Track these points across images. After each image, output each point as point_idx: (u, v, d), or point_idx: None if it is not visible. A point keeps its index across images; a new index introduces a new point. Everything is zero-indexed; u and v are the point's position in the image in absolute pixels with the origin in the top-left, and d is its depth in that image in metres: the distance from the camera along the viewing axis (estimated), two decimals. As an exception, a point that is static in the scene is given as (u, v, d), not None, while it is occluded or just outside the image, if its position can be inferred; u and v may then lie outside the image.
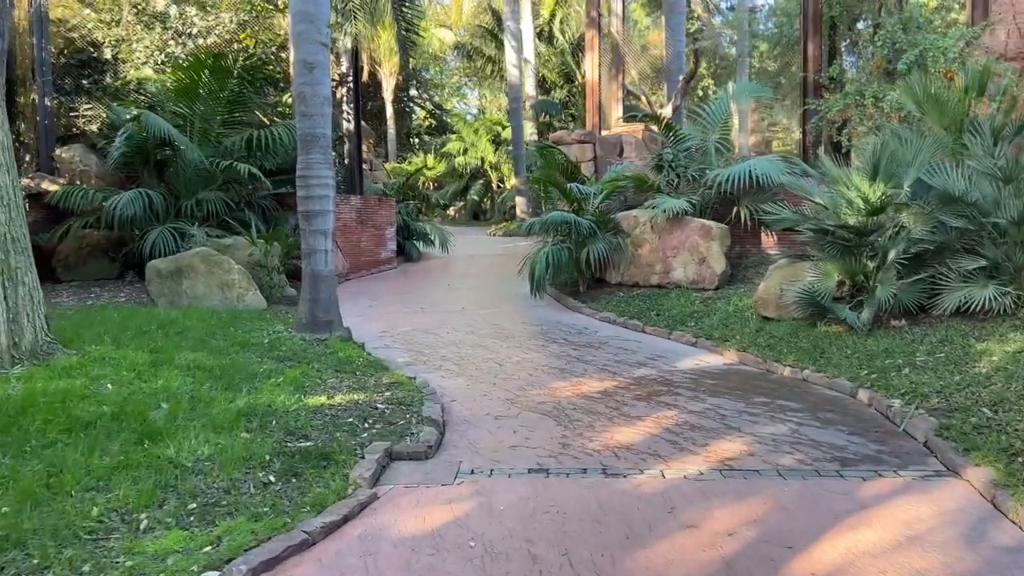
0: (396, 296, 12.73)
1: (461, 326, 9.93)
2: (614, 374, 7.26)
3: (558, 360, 7.88)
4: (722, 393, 6.51)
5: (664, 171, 11.57)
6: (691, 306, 9.68)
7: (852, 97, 10.27)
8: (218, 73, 12.22)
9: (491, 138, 33.50)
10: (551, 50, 33.78)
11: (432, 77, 49.89)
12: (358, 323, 10.06)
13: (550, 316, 10.73)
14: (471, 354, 8.17)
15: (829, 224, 7.90)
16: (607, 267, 11.52)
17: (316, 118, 7.97)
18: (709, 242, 10.17)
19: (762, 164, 10.19)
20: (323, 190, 8.04)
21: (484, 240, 23.72)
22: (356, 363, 7.17)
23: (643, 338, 9.14)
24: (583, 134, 16.14)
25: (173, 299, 9.80)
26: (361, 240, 15.04)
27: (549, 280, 11.59)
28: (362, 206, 15.04)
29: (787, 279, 8.42)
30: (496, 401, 6.29)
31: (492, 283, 14.18)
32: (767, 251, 11.43)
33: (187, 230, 11.44)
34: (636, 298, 10.64)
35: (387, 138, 40.40)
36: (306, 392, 5.96)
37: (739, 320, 8.80)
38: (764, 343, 7.93)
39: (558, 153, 13.92)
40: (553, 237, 12.19)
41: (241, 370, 6.33)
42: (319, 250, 8.06)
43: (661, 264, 10.71)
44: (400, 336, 9.26)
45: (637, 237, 11.14)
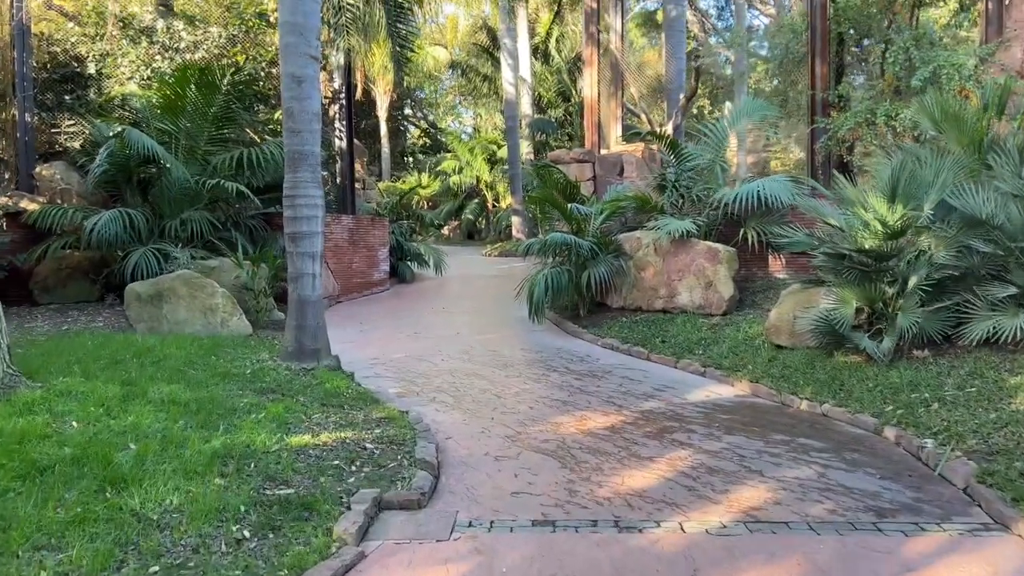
0: (389, 320, 12.32)
1: (456, 353, 9.51)
2: (620, 407, 6.85)
3: (560, 391, 7.46)
4: (738, 430, 6.10)
5: (668, 191, 11.24)
6: (698, 332, 9.30)
7: (863, 115, 9.98)
8: (205, 88, 11.88)
9: (486, 157, 33.25)
10: (547, 69, 33.67)
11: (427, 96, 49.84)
12: (348, 349, 9.64)
13: (549, 342, 10.33)
14: (467, 384, 7.75)
15: (846, 248, 7.53)
16: (609, 290, 11.14)
17: (304, 134, 7.60)
18: (716, 265, 9.81)
19: (771, 185, 9.86)
20: (311, 210, 7.65)
21: (479, 260, 23.36)
22: (344, 395, 6.75)
23: (648, 367, 8.74)
24: (582, 153, 15.84)
25: (153, 324, 9.36)
26: (353, 261, 14.64)
27: (548, 304, 11.20)
28: (354, 226, 14.67)
29: (800, 305, 8.05)
30: (495, 439, 5.86)
31: (488, 306, 13.79)
32: (774, 275, 11.08)
33: (170, 251, 11.02)
34: (640, 323, 10.24)
35: (381, 157, 40.18)
36: (289, 430, 5.52)
37: (750, 348, 8.41)
38: (778, 374, 7.54)
39: (556, 172, 13.60)
40: (552, 259, 11.82)
41: (219, 405, 5.89)
42: (306, 274, 7.66)
43: (666, 288, 10.33)
44: (392, 364, 8.83)
45: (640, 260, 10.78)
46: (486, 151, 33.40)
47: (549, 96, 33.73)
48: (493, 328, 11.52)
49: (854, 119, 10.01)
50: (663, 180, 11.71)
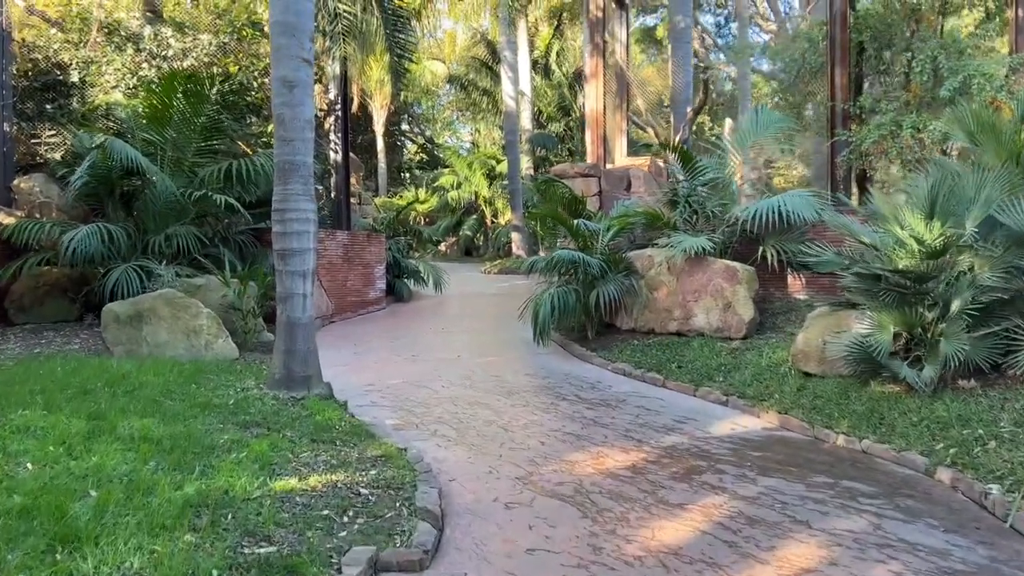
0: (385, 341, 11.75)
1: (458, 378, 8.95)
2: (640, 442, 6.29)
3: (572, 423, 6.90)
4: (773, 470, 5.54)
5: (680, 207, 10.74)
6: (717, 358, 8.75)
7: (887, 128, 9.51)
8: (192, 97, 11.37)
9: (485, 172, 32.84)
10: (547, 83, 33.36)
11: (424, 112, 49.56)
12: (342, 374, 9.08)
13: (557, 366, 9.77)
14: (471, 415, 7.18)
15: (882, 268, 7.01)
16: (618, 311, 10.60)
17: (296, 143, 7.08)
18: (735, 286, 9.28)
19: (792, 200, 9.36)
20: (302, 225, 7.11)
21: (478, 278, 22.83)
22: (337, 429, 6.17)
23: (665, 395, 8.18)
24: (587, 167, 15.36)
25: (131, 347, 8.78)
26: (348, 279, 14.10)
27: (554, 325, 10.65)
28: (349, 242, 14.13)
29: (830, 330, 7.51)
30: (505, 481, 5.29)
31: (490, 326, 13.23)
32: (794, 295, 10.55)
33: (154, 269, 10.46)
34: (653, 347, 9.69)
35: (377, 172, 39.79)
36: (273, 472, 4.94)
37: (775, 376, 7.86)
38: (809, 404, 6.99)
39: (561, 187, 13.12)
40: (559, 277, 11.28)
41: (196, 442, 5.31)
42: (296, 294, 7.11)
43: (680, 309, 9.79)
44: (389, 391, 8.26)
45: (652, 279, 10.24)
46: (485, 166, 33.00)
47: (549, 111, 33.39)
48: (496, 350, 10.96)
49: (878, 131, 9.54)
50: (674, 195, 11.21)
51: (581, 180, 14.90)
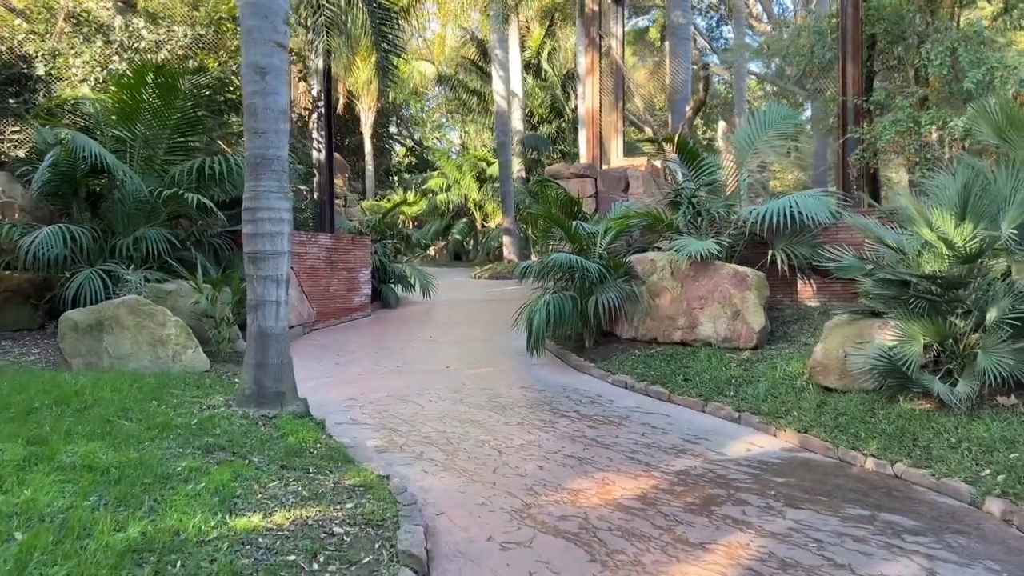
0: (369, 351, 11.14)
1: (446, 392, 8.36)
2: (648, 466, 5.72)
3: (572, 444, 6.32)
4: (800, 500, 4.98)
5: (683, 208, 10.19)
6: (727, 370, 8.19)
7: (904, 124, 9.01)
8: (164, 90, 10.75)
9: (475, 174, 32.30)
10: (539, 84, 32.87)
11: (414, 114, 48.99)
12: (321, 387, 8.48)
13: (553, 378, 9.19)
14: (461, 434, 6.59)
15: (911, 274, 6.49)
16: (618, 319, 10.04)
17: (269, 136, 6.49)
18: (744, 292, 8.74)
19: (805, 201, 8.84)
20: (276, 225, 6.51)
21: (468, 283, 22.24)
22: (311, 452, 5.57)
23: (671, 410, 7.62)
24: (583, 167, 14.82)
25: (91, 360, 8.14)
26: (331, 284, 13.48)
27: (549, 333, 10.07)
28: (333, 245, 13.52)
29: (851, 340, 6.98)
30: (500, 514, 4.71)
31: (481, 335, 12.64)
32: (804, 302, 10.03)
33: (121, 273, 9.83)
34: (656, 357, 9.13)
35: (365, 175, 39.19)
36: (235, 507, 4.34)
37: (791, 390, 7.31)
38: (831, 422, 6.44)
39: (555, 188, 12.56)
40: (553, 283, 10.72)
41: (149, 470, 4.70)
42: (269, 301, 6.50)
43: (685, 317, 9.24)
44: (371, 406, 7.66)
45: (654, 284, 9.69)
46: (475, 168, 32.45)
47: (541, 112, 32.89)
48: (487, 361, 10.37)
49: (894, 128, 9.04)
50: (677, 195, 10.67)
51: (576, 181, 14.35)
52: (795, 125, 9.87)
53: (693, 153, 9.89)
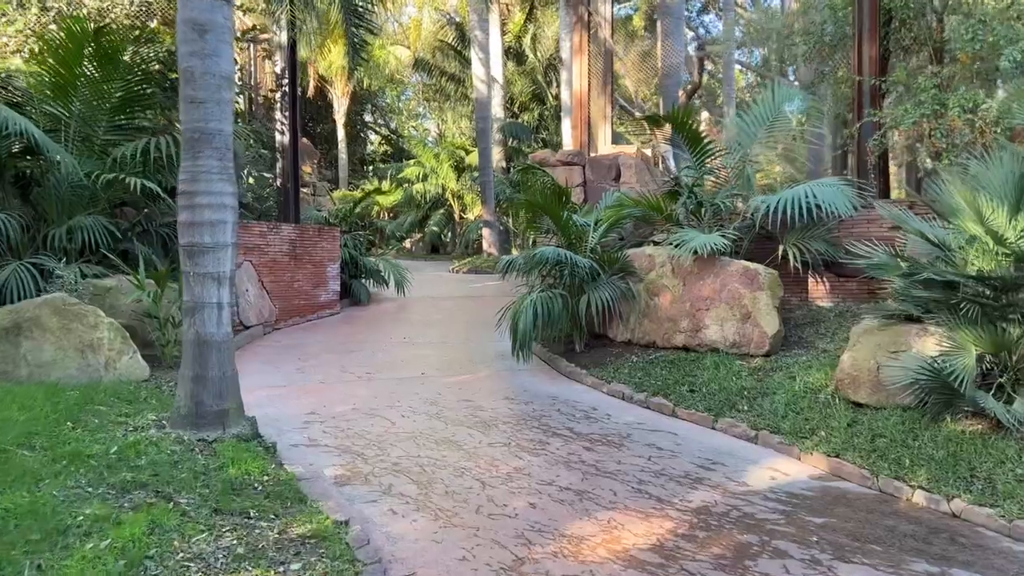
0: (336, 354, 10.18)
1: (421, 404, 7.46)
2: (661, 502, 4.87)
3: (568, 471, 5.46)
4: (850, 550, 4.15)
5: (684, 198, 9.34)
6: (737, 380, 7.36)
7: (929, 106, 8.24)
8: (105, 61, 9.70)
9: (453, 164, 31.22)
10: (520, 69, 31.90)
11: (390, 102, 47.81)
12: (277, 398, 7.55)
13: (541, 387, 8.32)
14: (437, 459, 5.69)
15: (959, 275, 5.69)
16: (612, 320, 9.21)
17: (209, 106, 5.53)
18: (756, 292, 7.92)
19: (823, 191, 8.02)
20: (217, 213, 5.57)
21: (446, 278, 21.28)
22: (255, 488, 4.65)
23: (677, 427, 6.78)
24: (570, 154, 13.94)
25: (6, 369, 7.10)
26: (295, 279, 12.49)
27: (536, 336, 9.19)
28: (297, 237, 12.53)
29: (884, 349, 6.18)
30: (485, 574, 3.82)
31: (460, 335, 11.73)
32: (817, 302, 9.25)
33: (52, 267, 8.78)
34: (656, 364, 8.29)
35: (338, 164, 38.00)
36: (145, 573, 3.42)
37: (815, 405, 6.49)
38: (867, 445, 5.63)
39: (542, 176, 11.66)
40: (541, 280, 9.85)
41: (41, 522, 3.76)
42: (209, 303, 5.56)
43: (688, 319, 8.41)
44: (334, 422, 6.74)
45: (653, 283, 8.86)
46: (453, 157, 31.39)
47: (522, 99, 31.94)
48: (467, 366, 9.47)
49: (918, 111, 8.26)
50: (676, 184, 9.83)
51: (564, 169, 13.48)
52: (809, 108, 9.08)
53: (696, 136, 9.03)
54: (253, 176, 13.76)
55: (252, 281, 11.52)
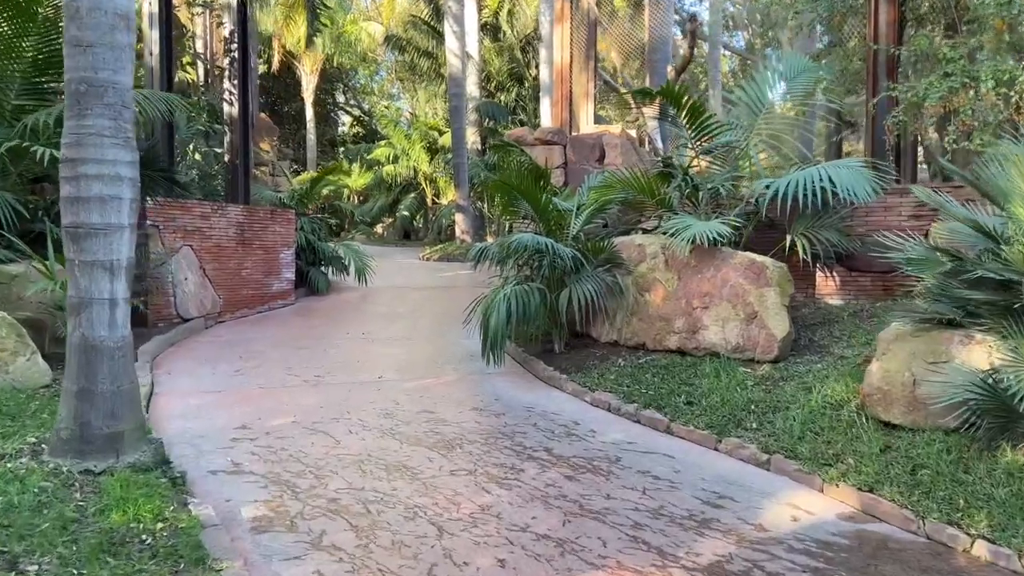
0: (284, 351, 9.12)
1: (374, 416, 6.45)
2: (663, 556, 3.92)
3: (547, 511, 4.49)
4: (916, 634, 3.22)
5: (678, 180, 8.39)
6: (743, 391, 6.43)
7: (959, 80, 7.35)
8: (16, 13, 8.52)
9: (426, 145, 30.05)
10: (497, 46, 30.75)
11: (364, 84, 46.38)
12: (206, 408, 6.51)
13: (516, 395, 7.34)
14: (386, 494, 4.69)
15: (1018, 273, 4.78)
16: (596, 317, 8.26)
17: (99, 51, 4.44)
18: (763, 289, 6.99)
19: (841, 173, 7.09)
20: (110, 186, 4.49)
21: (416, 266, 20.22)
22: (141, 544, 3.63)
23: (674, 447, 5.84)
24: (550, 132, 12.93)
25: None
26: (243, 266, 11.37)
27: (510, 334, 8.20)
28: (246, 219, 11.40)
29: (921, 359, 5.28)
30: None
31: (425, 331, 10.71)
32: (825, 299, 8.36)
33: (-54, 251, 7.64)
34: (646, 370, 7.35)
35: (306, 144, 36.61)
36: None
37: (837, 424, 5.58)
38: (906, 478, 4.72)
39: (518, 154, 10.64)
40: (517, 270, 8.86)
41: None
42: (98, 300, 4.49)
43: (684, 318, 7.46)
44: (267, 442, 5.70)
45: (643, 276, 7.91)
46: (426, 138, 30.21)
47: (499, 78, 30.80)
48: (432, 368, 8.46)
49: (945, 84, 7.37)
50: (669, 165, 8.88)
51: (543, 148, 12.46)
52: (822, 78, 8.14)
53: (695, 110, 8.04)
54: (200, 152, 12.59)
55: (192, 268, 10.39)
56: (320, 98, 39.12)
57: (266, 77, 35.83)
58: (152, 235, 9.75)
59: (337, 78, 41.54)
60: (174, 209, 10.14)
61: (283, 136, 38.85)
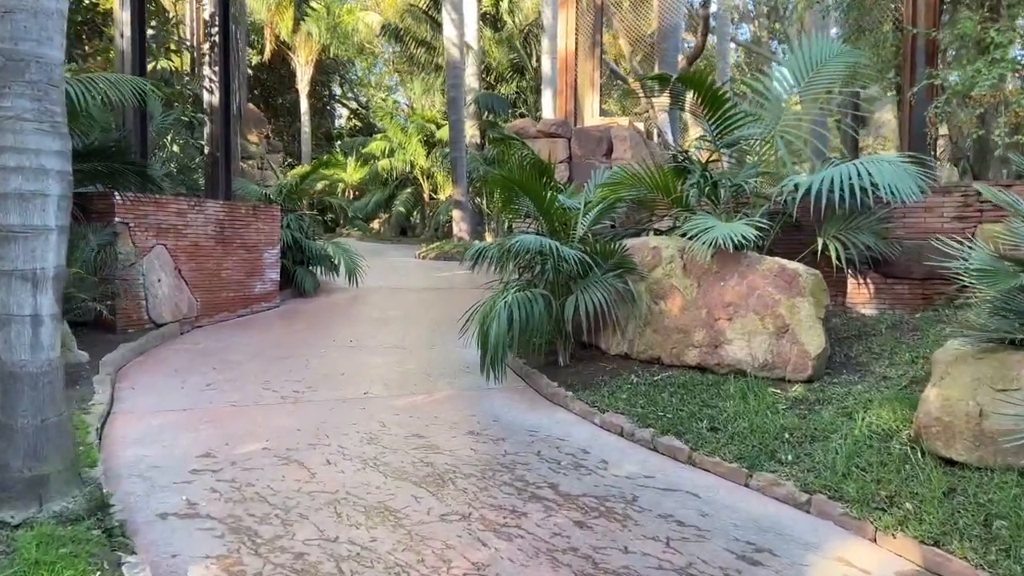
0: (262, 362, 8.42)
1: (357, 443, 5.75)
2: (698, 638, 3.22)
3: (554, 570, 3.81)
4: None
5: (696, 177, 7.68)
6: (774, 416, 5.74)
7: (1008, 66, 6.66)
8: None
9: (423, 138, 29.29)
10: (497, 36, 30.00)
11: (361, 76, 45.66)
12: (168, 430, 5.83)
13: (517, 417, 6.64)
14: (362, 548, 4.00)
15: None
16: (605, 327, 7.56)
17: (20, 18, 3.75)
18: (795, 299, 6.29)
19: (882, 169, 6.37)
20: (32, 180, 3.79)
21: (411, 265, 19.51)
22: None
23: (698, 482, 5.14)
24: (554, 124, 12.22)
25: None
26: (223, 267, 10.67)
27: (511, 345, 7.50)
28: (226, 216, 10.69)
29: (988, 385, 4.59)
30: None
31: (418, 338, 10.01)
32: (858, 308, 7.67)
33: None
34: (662, 388, 6.65)
35: (301, 137, 35.90)
36: None
37: (888, 460, 4.88)
38: (979, 530, 4.04)
39: (519, 147, 9.93)
40: (518, 274, 8.17)
41: None
42: (18, 317, 3.79)
43: (705, 331, 6.77)
44: (231, 475, 5.00)
45: (659, 282, 7.21)
46: (423, 131, 29.45)
47: (500, 70, 30.06)
48: (424, 382, 7.76)
49: (996, 70, 6.67)
50: (685, 160, 8.17)
51: (546, 141, 11.76)
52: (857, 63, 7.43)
53: (718, 97, 7.33)
54: (178, 143, 11.88)
55: (167, 269, 9.69)
56: (315, 90, 38.42)
57: (260, 68, 35.14)
58: (121, 233, 9.05)
59: (333, 70, 40.84)
60: (146, 205, 9.43)
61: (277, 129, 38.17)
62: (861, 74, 7.58)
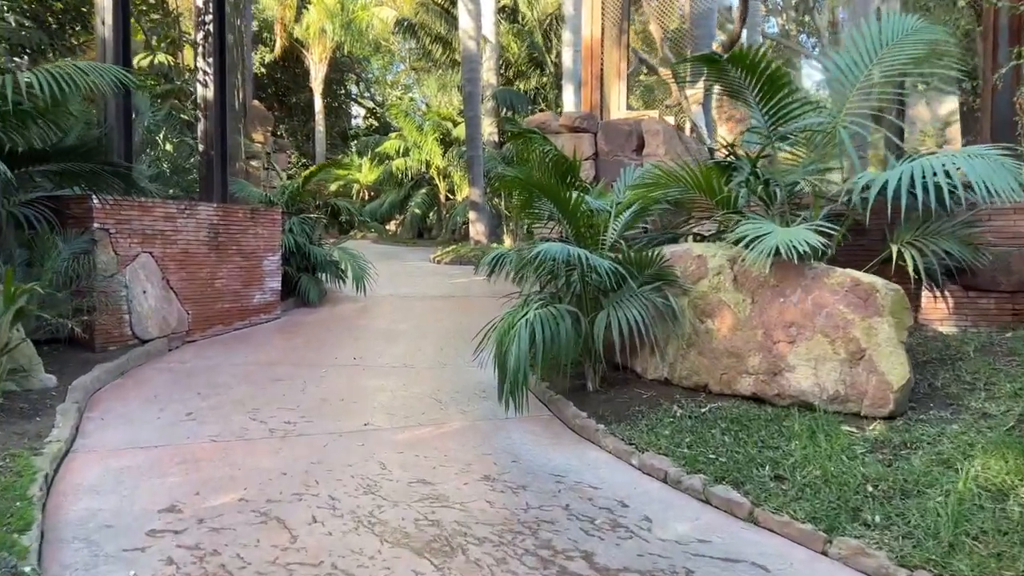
0: (251, 387, 7.60)
1: (350, 492, 4.90)
2: None
3: None
4: None
5: (746, 174, 6.76)
6: (852, 462, 4.81)
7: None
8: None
9: (439, 137, 28.51)
10: (516, 28, 29.15)
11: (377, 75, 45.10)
12: (131, 473, 5.04)
13: (538, 456, 5.76)
14: (346, 652, 3.14)
15: None
16: (641, 347, 6.66)
17: None
18: (872, 319, 5.35)
19: (975, 165, 5.40)
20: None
21: (426, 269, 18.69)
22: None
23: (765, 546, 4.23)
24: (579, 118, 11.33)
25: None
26: (217, 276, 9.89)
27: (534, 368, 6.63)
28: (221, 220, 9.90)
29: None
30: None
31: (429, 356, 9.16)
32: (935, 325, 6.73)
33: None
34: (711, 423, 5.73)
35: (315, 137, 35.31)
36: None
37: (1008, 527, 3.95)
38: None
39: (541, 142, 9.05)
40: (540, 287, 7.30)
41: None
42: None
43: (761, 355, 5.85)
44: (195, 537, 4.17)
45: (704, 297, 6.30)
46: (439, 129, 28.68)
47: (518, 65, 29.21)
48: (433, 410, 6.90)
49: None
50: (732, 156, 7.25)
51: (570, 136, 10.89)
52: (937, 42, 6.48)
53: (776, 81, 6.38)
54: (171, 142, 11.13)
55: (153, 280, 8.91)
56: (330, 89, 37.87)
57: (273, 66, 34.62)
58: (101, 241, 8.28)
59: (348, 67, 40.27)
60: (130, 210, 8.65)
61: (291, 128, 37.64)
62: (942, 51, 6.57)
